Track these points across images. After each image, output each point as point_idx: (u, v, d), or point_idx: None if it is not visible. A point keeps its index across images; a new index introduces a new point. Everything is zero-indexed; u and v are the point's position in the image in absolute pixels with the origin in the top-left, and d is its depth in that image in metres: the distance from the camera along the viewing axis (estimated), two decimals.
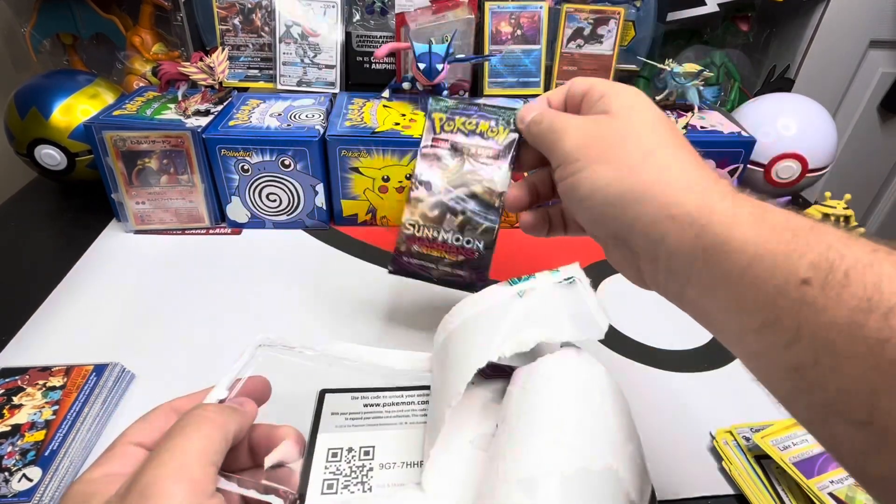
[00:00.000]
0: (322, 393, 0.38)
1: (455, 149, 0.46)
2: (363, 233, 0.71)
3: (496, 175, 0.45)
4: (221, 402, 0.31)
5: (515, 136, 0.44)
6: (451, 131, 0.46)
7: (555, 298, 0.36)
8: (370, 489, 0.32)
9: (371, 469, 0.33)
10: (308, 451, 0.34)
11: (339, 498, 0.31)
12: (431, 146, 0.46)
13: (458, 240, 0.46)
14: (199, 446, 0.25)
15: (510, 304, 0.36)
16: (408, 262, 0.47)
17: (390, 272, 0.49)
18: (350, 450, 0.34)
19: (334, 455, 0.33)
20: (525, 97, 0.79)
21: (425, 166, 0.46)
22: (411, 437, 0.34)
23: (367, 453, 0.34)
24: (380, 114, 0.71)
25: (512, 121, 0.45)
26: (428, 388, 0.36)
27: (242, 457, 0.31)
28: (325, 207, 0.69)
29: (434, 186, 0.45)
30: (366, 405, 0.37)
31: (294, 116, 0.69)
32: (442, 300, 0.59)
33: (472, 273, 0.47)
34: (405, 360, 0.40)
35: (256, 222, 0.70)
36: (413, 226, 0.46)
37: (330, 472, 0.33)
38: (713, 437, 0.46)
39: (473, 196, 0.45)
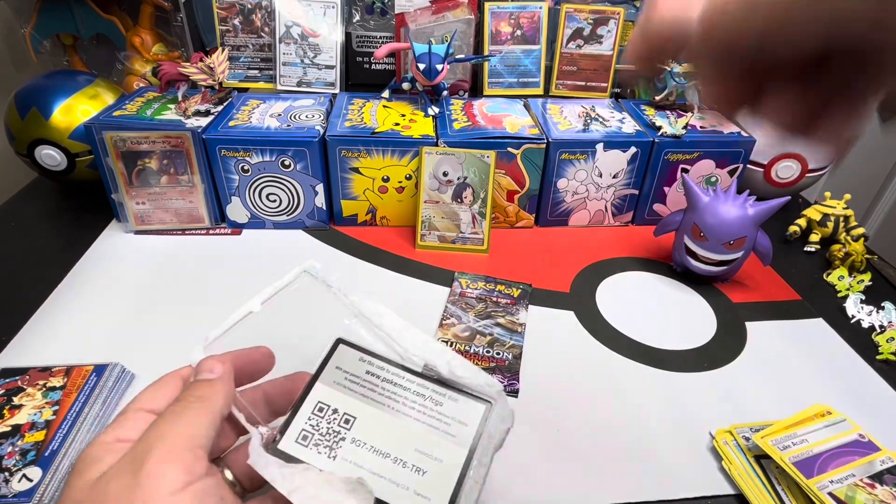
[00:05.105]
0: (337, 342, 0.37)
1: (479, 298, 0.60)
2: (363, 233, 0.71)
3: (518, 315, 0.58)
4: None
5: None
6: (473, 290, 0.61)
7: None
8: (334, 458, 0.31)
9: (343, 439, 0.32)
10: (302, 394, 0.33)
11: (306, 452, 0.31)
12: (460, 296, 0.60)
13: (488, 352, 0.54)
14: (186, 431, 0.27)
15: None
16: None
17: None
18: (335, 411, 0.33)
19: (320, 410, 0.33)
20: (525, 97, 0.79)
21: (455, 309, 0.58)
22: (391, 426, 0.33)
23: (346, 422, 0.33)
24: (380, 114, 0.71)
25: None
26: (432, 381, 0.35)
27: (260, 409, 0.34)
28: (324, 208, 0.69)
29: (464, 318, 0.57)
30: (368, 372, 0.35)
31: (294, 117, 0.69)
32: (441, 299, 0.60)
33: (505, 377, 0.51)
34: (422, 347, 0.37)
35: (256, 222, 0.70)
36: (445, 342, 0.54)
37: (310, 425, 0.32)
38: (713, 437, 0.46)
39: (498, 325, 0.56)
